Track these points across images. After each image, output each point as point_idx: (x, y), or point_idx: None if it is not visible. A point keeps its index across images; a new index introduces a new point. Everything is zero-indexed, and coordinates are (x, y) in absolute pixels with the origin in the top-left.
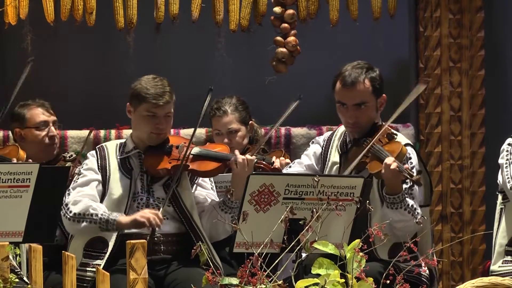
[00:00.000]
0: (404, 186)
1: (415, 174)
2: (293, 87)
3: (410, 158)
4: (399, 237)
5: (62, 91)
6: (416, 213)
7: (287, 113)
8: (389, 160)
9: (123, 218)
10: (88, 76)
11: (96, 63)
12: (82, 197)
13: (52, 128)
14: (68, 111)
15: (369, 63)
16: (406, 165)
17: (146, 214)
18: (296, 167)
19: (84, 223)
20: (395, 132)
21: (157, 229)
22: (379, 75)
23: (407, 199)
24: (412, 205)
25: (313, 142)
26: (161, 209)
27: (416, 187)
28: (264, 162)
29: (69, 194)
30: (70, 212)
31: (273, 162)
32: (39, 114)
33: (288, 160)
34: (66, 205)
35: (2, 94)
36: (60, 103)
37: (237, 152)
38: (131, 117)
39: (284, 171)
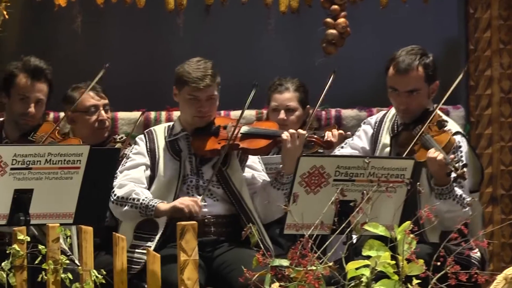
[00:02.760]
0: (453, 175)
1: (460, 167)
2: (343, 69)
3: (460, 147)
4: (448, 227)
5: (112, 72)
6: (464, 202)
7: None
8: (433, 153)
9: (162, 205)
10: (139, 58)
11: (146, 45)
12: (128, 181)
13: (102, 112)
14: (118, 93)
15: (423, 47)
16: (452, 156)
17: (185, 201)
18: (348, 149)
19: (126, 207)
20: (446, 119)
21: (194, 216)
22: (433, 61)
23: (455, 189)
24: (460, 195)
25: (364, 123)
26: (201, 196)
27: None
28: (315, 136)
29: (116, 177)
30: (115, 195)
31: (324, 135)
32: (89, 98)
33: (341, 131)
34: (112, 188)
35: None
36: (110, 84)
37: (290, 130)
38: (177, 100)
39: (336, 152)
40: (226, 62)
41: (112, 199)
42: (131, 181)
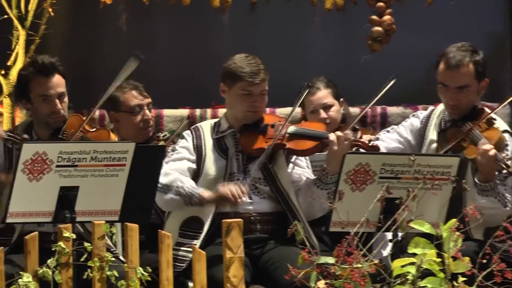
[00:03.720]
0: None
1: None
2: (388, 66)
3: (507, 145)
4: (487, 223)
5: (158, 70)
6: (505, 201)
7: (382, 92)
8: (487, 146)
9: (207, 193)
10: (184, 55)
11: (191, 42)
12: (172, 170)
13: (147, 111)
14: (163, 90)
15: (473, 44)
16: (504, 154)
17: (230, 187)
18: (394, 135)
19: (170, 195)
20: (494, 117)
21: (239, 203)
22: (483, 59)
23: (498, 186)
24: (503, 194)
25: (413, 115)
26: (246, 183)
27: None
28: (361, 140)
29: (162, 168)
30: (159, 183)
31: (370, 140)
32: (133, 98)
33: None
34: (157, 185)
35: (97, 71)
36: (156, 82)
37: (335, 132)
38: (225, 96)
39: (381, 135)
40: (270, 59)
41: (158, 187)
42: (176, 171)
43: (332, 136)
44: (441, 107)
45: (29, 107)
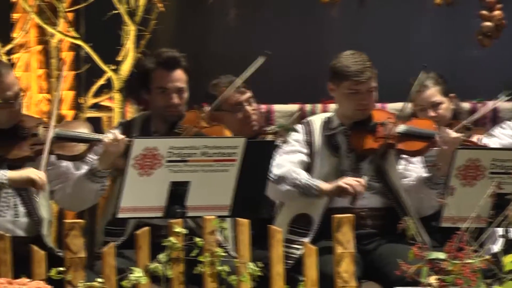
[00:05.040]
0: None
1: None
2: (498, 61)
3: None
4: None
5: (268, 65)
6: None
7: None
8: None
9: (325, 185)
10: (294, 51)
11: (301, 38)
12: (285, 162)
13: (247, 107)
14: (274, 85)
15: None
16: None
17: (349, 180)
18: (507, 130)
19: (286, 186)
20: None
21: (358, 196)
22: None
23: None
24: None
25: None
26: (365, 177)
27: None
28: (471, 140)
29: (274, 160)
30: (273, 174)
31: (479, 139)
32: (233, 96)
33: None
34: (267, 179)
35: (206, 67)
36: (266, 77)
37: (446, 129)
38: (334, 95)
39: (496, 131)
40: (380, 54)
41: (270, 178)
42: (289, 162)
43: (440, 136)
44: None
45: (147, 98)
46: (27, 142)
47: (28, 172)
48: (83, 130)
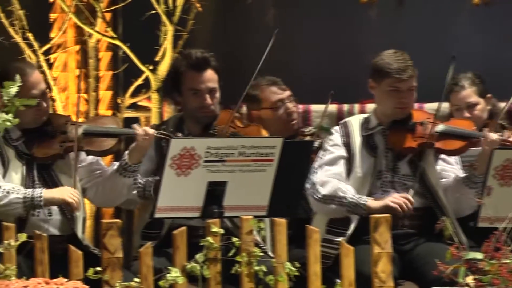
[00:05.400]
0: None
1: None
2: None
3: None
4: None
5: (305, 64)
6: None
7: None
8: None
9: (373, 203)
10: (331, 50)
11: (339, 37)
12: (329, 177)
13: (288, 104)
14: (311, 85)
15: None
16: None
17: (397, 199)
18: None
19: (333, 206)
20: None
21: (407, 215)
22: None
23: None
24: None
25: None
26: (411, 192)
27: None
28: (510, 140)
29: (316, 172)
30: (319, 193)
31: None
32: (272, 93)
33: None
34: (314, 184)
35: (244, 67)
36: (303, 77)
37: (486, 130)
38: (374, 92)
39: None
40: (418, 54)
41: (316, 197)
42: (333, 177)
43: (482, 137)
44: None
45: (180, 100)
46: (56, 140)
47: (63, 194)
48: (112, 125)
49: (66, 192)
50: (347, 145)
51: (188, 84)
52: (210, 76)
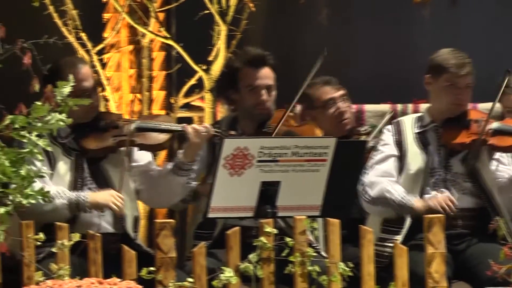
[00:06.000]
0: None
1: None
2: None
3: None
4: None
5: (358, 65)
6: None
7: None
8: None
9: (419, 203)
10: (384, 50)
11: (392, 38)
12: (378, 175)
13: (340, 103)
14: (365, 85)
15: None
16: None
17: (440, 201)
18: None
19: (380, 207)
20: None
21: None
22: None
23: None
24: None
25: None
26: (454, 192)
27: None
28: None
29: (366, 173)
30: (368, 195)
31: None
32: (325, 92)
33: None
34: (363, 186)
35: (297, 67)
36: (357, 77)
37: None
38: (430, 89)
39: None
40: (472, 54)
41: (365, 198)
42: (382, 175)
43: None
44: None
45: (236, 97)
46: (108, 133)
47: (106, 200)
48: (164, 122)
49: (110, 198)
50: (399, 143)
51: (245, 80)
52: (267, 73)
